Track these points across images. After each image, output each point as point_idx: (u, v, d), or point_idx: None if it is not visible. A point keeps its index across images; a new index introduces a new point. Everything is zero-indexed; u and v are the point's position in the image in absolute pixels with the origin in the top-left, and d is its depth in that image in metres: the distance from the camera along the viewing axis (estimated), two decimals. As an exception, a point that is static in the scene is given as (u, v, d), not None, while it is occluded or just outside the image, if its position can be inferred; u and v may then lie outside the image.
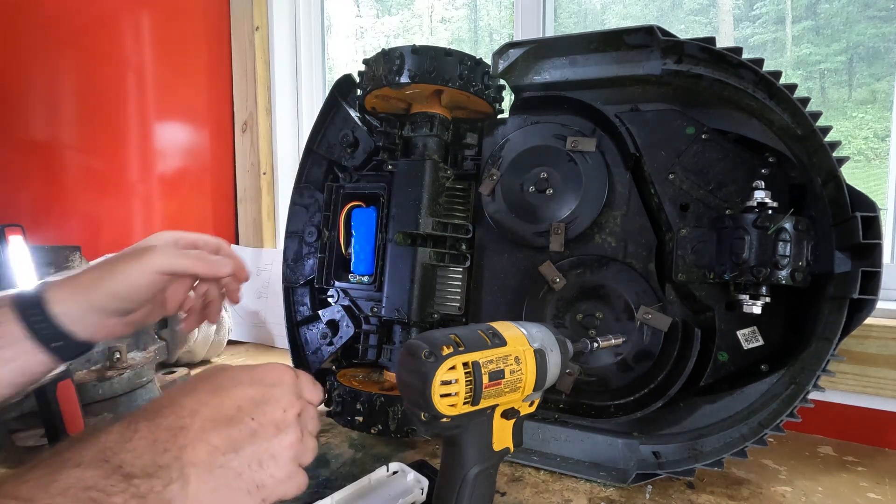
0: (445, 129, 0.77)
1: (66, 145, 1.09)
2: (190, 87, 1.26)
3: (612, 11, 1.11)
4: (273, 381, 0.37)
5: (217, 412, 0.33)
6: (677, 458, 0.61)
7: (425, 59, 0.68)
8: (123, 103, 1.15)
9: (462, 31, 1.39)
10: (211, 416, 0.33)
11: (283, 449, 0.35)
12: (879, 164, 0.89)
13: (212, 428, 0.32)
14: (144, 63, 1.17)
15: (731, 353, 0.63)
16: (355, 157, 0.81)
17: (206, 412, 0.33)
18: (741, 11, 0.99)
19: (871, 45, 0.89)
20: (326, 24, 1.37)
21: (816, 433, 0.76)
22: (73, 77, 1.08)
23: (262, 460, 0.33)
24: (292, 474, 0.35)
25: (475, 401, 0.39)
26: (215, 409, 0.33)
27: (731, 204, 0.62)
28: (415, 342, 0.38)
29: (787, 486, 0.62)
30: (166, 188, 1.24)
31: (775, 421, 0.56)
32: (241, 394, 0.35)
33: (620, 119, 0.67)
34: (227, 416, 0.33)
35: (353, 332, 0.78)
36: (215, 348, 1.10)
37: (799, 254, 0.56)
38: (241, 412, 0.34)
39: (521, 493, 0.59)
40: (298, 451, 0.36)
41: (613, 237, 0.69)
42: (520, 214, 0.72)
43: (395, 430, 0.68)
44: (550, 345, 0.45)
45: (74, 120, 1.10)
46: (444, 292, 0.77)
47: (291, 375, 0.38)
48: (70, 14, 1.06)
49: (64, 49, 1.06)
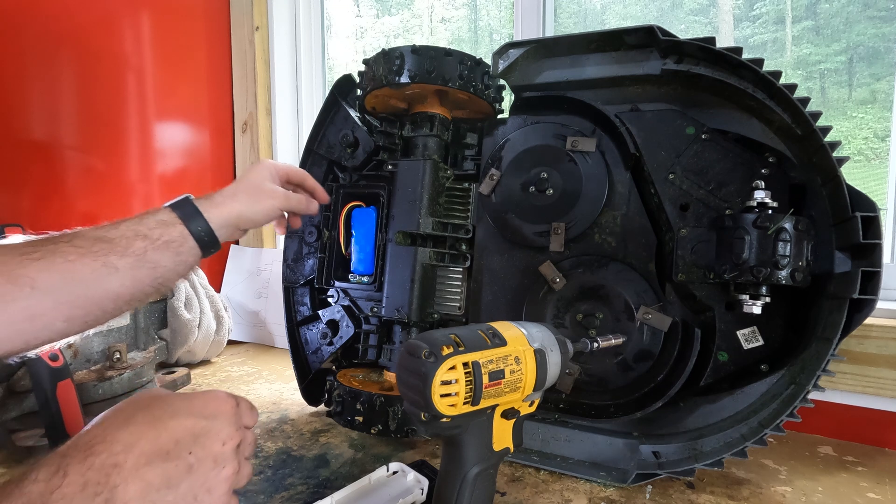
0: (445, 129, 0.77)
1: (66, 145, 1.09)
2: (190, 87, 1.26)
3: (612, 11, 1.11)
4: (212, 412, 0.36)
5: (153, 445, 0.32)
6: (677, 458, 0.61)
7: (425, 59, 0.68)
8: (123, 103, 1.15)
9: (462, 31, 1.39)
10: (147, 450, 0.31)
11: (219, 482, 0.34)
12: (879, 164, 0.89)
13: (146, 463, 0.31)
14: (144, 63, 1.17)
15: (731, 353, 0.63)
16: (355, 157, 0.81)
17: (143, 445, 0.31)
18: (741, 11, 0.99)
19: (871, 45, 0.89)
20: (326, 24, 1.37)
21: (816, 433, 0.76)
22: (73, 77, 1.08)
23: (198, 495, 0.33)
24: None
25: (475, 401, 0.39)
26: (152, 443, 0.32)
27: (731, 204, 0.62)
28: (415, 342, 0.38)
29: (787, 486, 0.62)
30: (166, 188, 1.24)
31: (775, 421, 0.56)
32: (178, 426, 0.33)
33: (620, 119, 0.67)
34: (163, 451, 0.32)
35: (353, 332, 0.78)
36: (215, 348, 1.10)
37: (799, 254, 0.56)
38: (179, 446, 0.33)
39: (521, 493, 0.59)
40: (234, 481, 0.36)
41: (613, 237, 0.69)
42: (520, 214, 0.72)
43: (395, 430, 0.68)
44: (550, 345, 0.45)
45: (74, 120, 1.10)
46: (444, 292, 0.77)
47: (231, 405, 0.37)
48: (70, 14, 1.06)
49: (64, 49, 1.06)
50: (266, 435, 0.74)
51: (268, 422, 0.79)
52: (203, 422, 0.35)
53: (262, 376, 1.02)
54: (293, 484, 0.60)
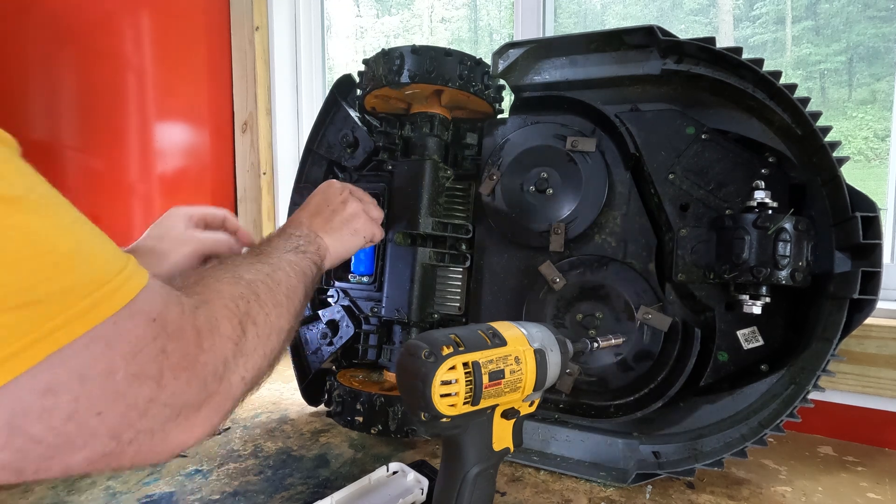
0: (445, 129, 0.77)
1: (66, 145, 1.09)
2: (190, 87, 1.26)
3: (612, 11, 1.11)
4: (323, 189, 0.63)
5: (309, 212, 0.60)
6: (677, 458, 0.61)
7: (425, 59, 0.68)
8: (123, 103, 1.15)
9: (462, 31, 1.39)
10: (307, 215, 0.60)
11: (354, 211, 0.61)
12: (879, 164, 0.89)
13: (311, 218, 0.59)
14: (144, 63, 1.17)
15: (731, 353, 0.63)
16: (355, 157, 0.81)
17: (305, 215, 0.60)
18: (741, 11, 0.99)
19: (871, 45, 0.89)
20: (326, 24, 1.37)
21: (816, 433, 0.76)
22: (73, 77, 1.08)
23: (347, 220, 0.60)
24: (369, 222, 0.63)
25: (475, 401, 0.39)
26: (307, 212, 0.60)
27: (731, 204, 0.62)
28: (415, 342, 0.38)
29: (787, 486, 0.62)
30: (166, 188, 1.24)
31: (775, 421, 0.56)
32: (315, 202, 0.61)
33: (620, 119, 0.67)
34: (317, 212, 0.60)
35: (353, 332, 0.78)
36: (215, 348, 1.10)
37: (799, 254, 0.56)
38: (320, 207, 0.61)
39: (521, 493, 0.59)
40: (366, 209, 0.63)
41: (613, 237, 0.69)
42: (520, 214, 0.72)
43: (395, 430, 0.68)
44: (550, 345, 0.45)
45: (74, 120, 1.10)
46: (444, 292, 0.77)
47: (334, 183, 0.64)
48: (70, 14, 1.06)
49: (64, 49, 1.06)
50: (266, 435, 0.74)
51: (268, 422, 0.79)
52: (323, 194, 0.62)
53: (262, 376, 1.02)
54: (293, 484, 0.60)
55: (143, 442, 0.30)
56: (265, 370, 0.39)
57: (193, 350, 0.32)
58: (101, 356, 0.27)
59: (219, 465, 0.65)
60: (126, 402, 0.28)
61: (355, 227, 0.60)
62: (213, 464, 0.65)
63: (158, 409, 0.30)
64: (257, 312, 0.38)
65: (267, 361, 0.39)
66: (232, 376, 0.35)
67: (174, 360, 0.30)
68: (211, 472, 0.63)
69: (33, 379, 0.25)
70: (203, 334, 0.33)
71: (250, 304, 0.38)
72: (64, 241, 0.27)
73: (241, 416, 0.81)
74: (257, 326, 0.38)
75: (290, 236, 0.53)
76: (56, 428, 0.26)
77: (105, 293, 0.28)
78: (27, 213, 0.26)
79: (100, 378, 0.27)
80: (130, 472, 0.63)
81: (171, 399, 0.30)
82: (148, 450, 0.30)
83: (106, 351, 0.27)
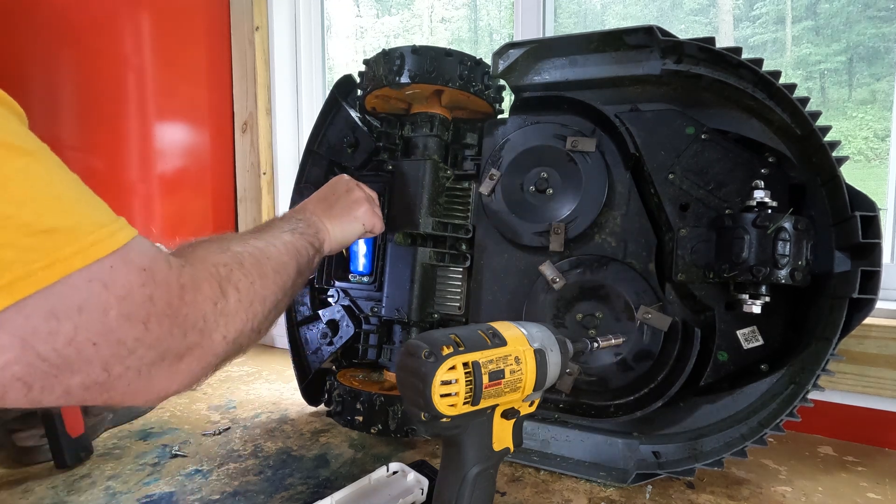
0: (445, 129, 0.77)
1: (66, 145, 1.09)
2: (190, 87, 1.26)
3: (612, 11, 1.11)
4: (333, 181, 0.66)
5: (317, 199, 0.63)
6: (677, 458, 0.61)
7: (425, 59, 0.68)
8: (123, 103, 1.15)
9: (462, 31, 1.39)
10: (314, 201, 0.63)
11: (357, 198, 0.64)
12: (879, 164, 0.89)
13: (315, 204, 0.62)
14: (144, 63, 1.17)
15: (730, 352, 0.63)
16: (355, 158, 0.81)
17: (313, 201, 0.63)
18: (741, 11, 0.99)
19: (871, 45, 0.89)
20: (326, 25, 1.37)
21: (816, 433, 0.76)
22: (72, 77, 1.08)
23: (349, 207, 0.63)
24: (370, 212, 0.64)
25: (475, 401, 0.39)
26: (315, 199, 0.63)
27: (730, 204, 0.62)
28: (415, 342, 0.38)
29: (787, 486, 0.62)
30: (166, 188, 1.24)
31: (775, 421, 0.56)
32: (322, 192, 0.64)
33: (620, 119, 0.67)
34: (322, 199, 0.63)
35: (353, 332, 0.78)
36: (215, 348, 1.10)
37: (798, 253, 0.56)
38: (326, 195, 0.64)
39: (521, 493, 0.59)
40: (368, 198, 0.65)
41: (613, 237, 0.69)
42: (520, 214, 0.72)
43: (395, 430, 0.68)
44: (550, 345, 0.45)
45: (74, 120, 1.10)
46: (444, 292, 0.77)
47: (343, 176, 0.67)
48: (70, 14, 1.06)
49: (64, 49, 1.06)
50: (266, 435, 0.74)
51: (268, 422, 0.79)
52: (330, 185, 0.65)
53: (262, 376, 1.02)
54: (293, 484, 0.60)
55: (131, 379, 0.33)
56: (249, 334, 0.42)
57: (176, 301, 0.35)
58: (98, 294, 0.31)
59: (219, 465, 0.65)
60: (117, 337, 0.32)
61: (356, 213, 0.63)
62: (213, 464, 0.65)
63: (144, 350, 0.33)
64: (239, 279, 0.41)
65: (250, 325, 0.42)
66: (213, 333, 0.38)
67: (159, 307, 0.34)
68: (211, 472, 0.63)
69: (41, 301, 0.29)
70: (186, 289, 0.36)
71: (233, 271, 0.41)
72: (70, 191, 0.32)
73: (242, 417, 0.81)
74: (239, 292, 0.41)
75: (291, 219, 0.56)
76: (58, 350, 0.30)
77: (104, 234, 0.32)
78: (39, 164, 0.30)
79: (96, 312, 0.31)
80: (130, 471, 0.63)
81: (156, 343, 0.34)
82: (135, 388, 0.34)
83: (102, 291, 0.31)
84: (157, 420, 0.79)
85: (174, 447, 0.70)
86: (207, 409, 0.85)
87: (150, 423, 0.78)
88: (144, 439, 0.73)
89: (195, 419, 0.80)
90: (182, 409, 0.84)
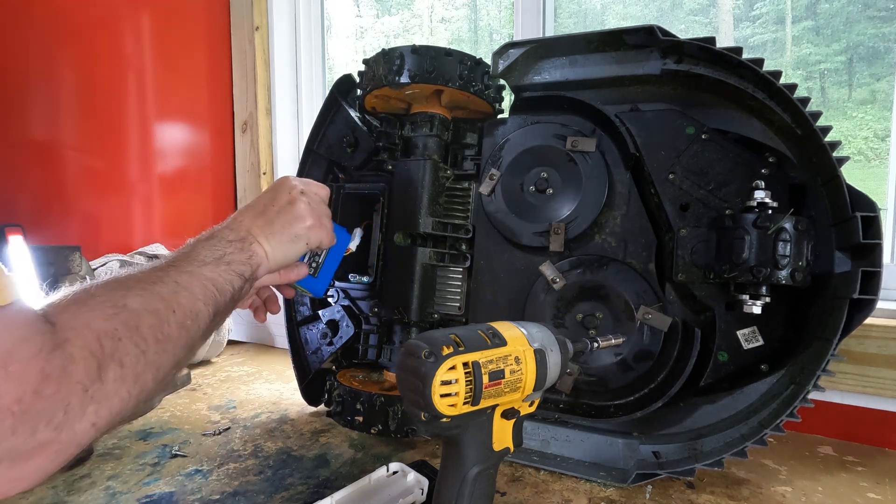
0: (445, 129, 0.77)
1: (66, 145, 1.09)
2: (190, 87, 1.26)
3: (612, 11, 1.11)
4: (275, 186, 0.56)
5: (254, 211, 0.54)
6: (677, 458, 0.61)
7: (425, 59, 0.68)
8: (123, 103, 1.15)
9: (462, 31, 1.39)
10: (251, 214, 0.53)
11: (300, 213, 0.54)
12: (879, 164, 0.89)
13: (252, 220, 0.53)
14: (144, 63, 1.17)
15: (731, 353, 0.63)
16: (355, 157, 0.81)
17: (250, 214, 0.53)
18: (741, 11, 0.99)
19: (871, 45, 0.89)
20: (326, 24, 1.37)
21: (816, 433, 0.76)
22: (73, 77, 1.08)
23: (290, 223, 0.54)
24: (315, 225, 0.55)
25: (475, 401, 0.39)
26: (252, 211, 0.54)
27: (731, 204, 0.62)
28: (415, 342, 0.38)
29: (787, 486, 0.62)
30: (166, 188, 1.24)
31: (775, 421, 0.56)
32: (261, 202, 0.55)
33: (620, 119, 0.67)
34: (260, 213, 0.53)
35: (353, 332, 0.78)
36: (215, 348, 1.10)
37: (799, 254, 0.56)
38: (265, 207, 0.54)
39: (521, 493, 0.59)
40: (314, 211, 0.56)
41: (613, 237, 0.69)
42: (520, 214, 0.72)
43: (395, 430, 0.68)
44: (550, 345, 0.45)
45: (74, 120, 1.10)
46: (444, 292, 0.77)
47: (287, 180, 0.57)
48: (70, 14, 1.06)
49: (64, 49, 1.06)
50: (266, 435, 0.74)
51: (268, 422, 0.79)
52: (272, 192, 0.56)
53: (262, 376, 1.02)
54: (293, 484, 0.60)
55: None
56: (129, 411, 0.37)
57: (29, 398, 0.30)
58: None
59: (219, 465, 0.65)
60: None
61: (297, 231, 0.54)
62: (213, 464, 0.65)
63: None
64: (126, 352, 0.36)
65: (133, 402, 0.36)
66: (76, 423, 0.32)
67: (4, 402, 0.29)
68: (211, 472, 0.63)
69: None
70: (48, 380, 0.31)
71: (120, 341, 0.35)
72: None
73: (242, 417, 0.81)
74: (123, 368, 0.35)
75: (220, 241, 0.49)
76: None
77: None
78: None
79: None
80: (130, 471, 0.63)
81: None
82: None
83: None
84: (157, 420, 0.79)
85: (174, 447, 0.70)
86: (207, 409, 0.85)
87: (150, 423, 0.78)
88: (144, 439, 0.73)
89: (195, 419, 0.80)
90: (182, 410, 0.84)
